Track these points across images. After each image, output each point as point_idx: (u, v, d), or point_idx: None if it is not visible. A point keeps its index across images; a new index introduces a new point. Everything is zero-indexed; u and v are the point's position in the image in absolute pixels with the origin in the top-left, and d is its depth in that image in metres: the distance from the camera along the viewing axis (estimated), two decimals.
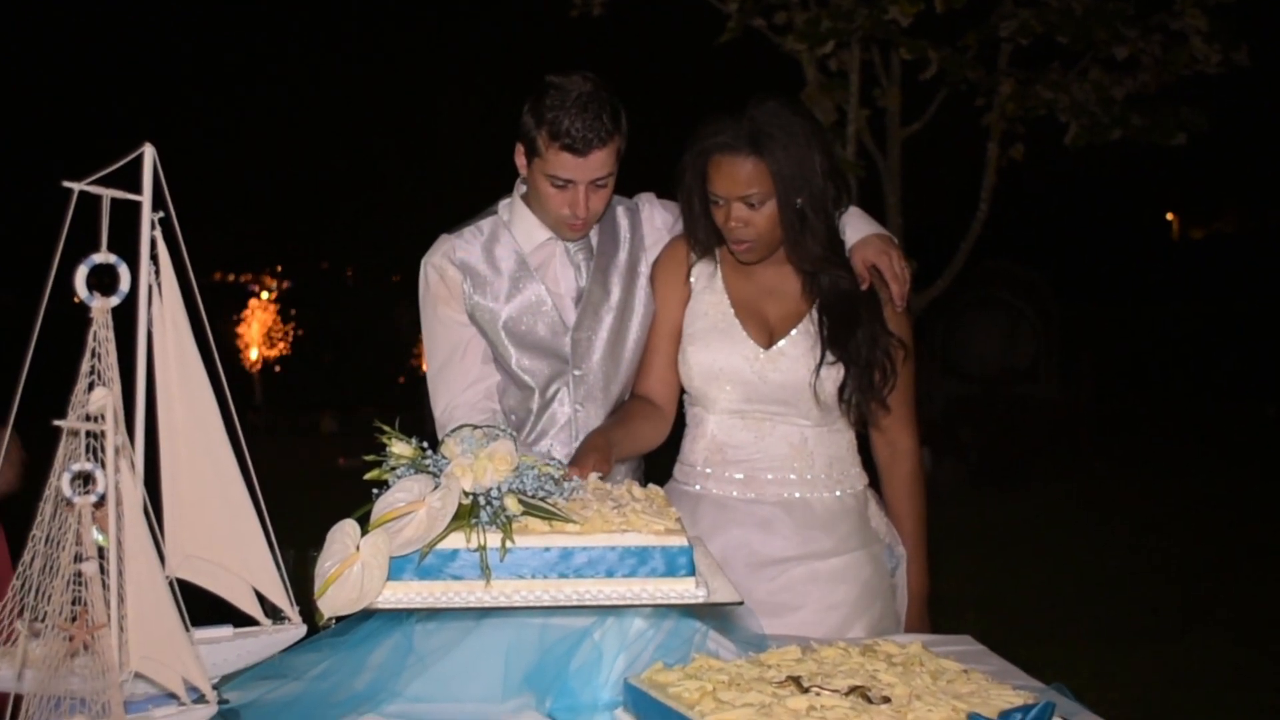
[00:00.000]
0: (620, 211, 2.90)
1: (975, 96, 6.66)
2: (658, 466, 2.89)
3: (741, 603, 2.02)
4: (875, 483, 2.82)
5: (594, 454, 2.43)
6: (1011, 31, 6.19)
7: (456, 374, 2.82)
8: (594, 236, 2.85)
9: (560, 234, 2.78)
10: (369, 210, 20.86)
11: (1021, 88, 6.42)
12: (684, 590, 1.96)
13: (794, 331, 2.66)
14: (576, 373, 2.81)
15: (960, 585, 7.11)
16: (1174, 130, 6.35)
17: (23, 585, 1.63)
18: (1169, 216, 38.15)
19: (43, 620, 1.63)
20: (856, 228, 2.70)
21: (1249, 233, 34.67)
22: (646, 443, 2.78)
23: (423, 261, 2.86)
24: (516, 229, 2.82)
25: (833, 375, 2.61)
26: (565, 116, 2.57)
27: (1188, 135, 6.36)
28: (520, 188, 2.83)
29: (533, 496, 2.02)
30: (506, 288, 2.80)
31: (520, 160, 2.73)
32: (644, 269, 2.87)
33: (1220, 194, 34.89)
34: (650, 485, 2.29)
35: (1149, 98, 6.39)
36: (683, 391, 2.80)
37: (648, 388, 2.81)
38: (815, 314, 2.66)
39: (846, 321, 2.62)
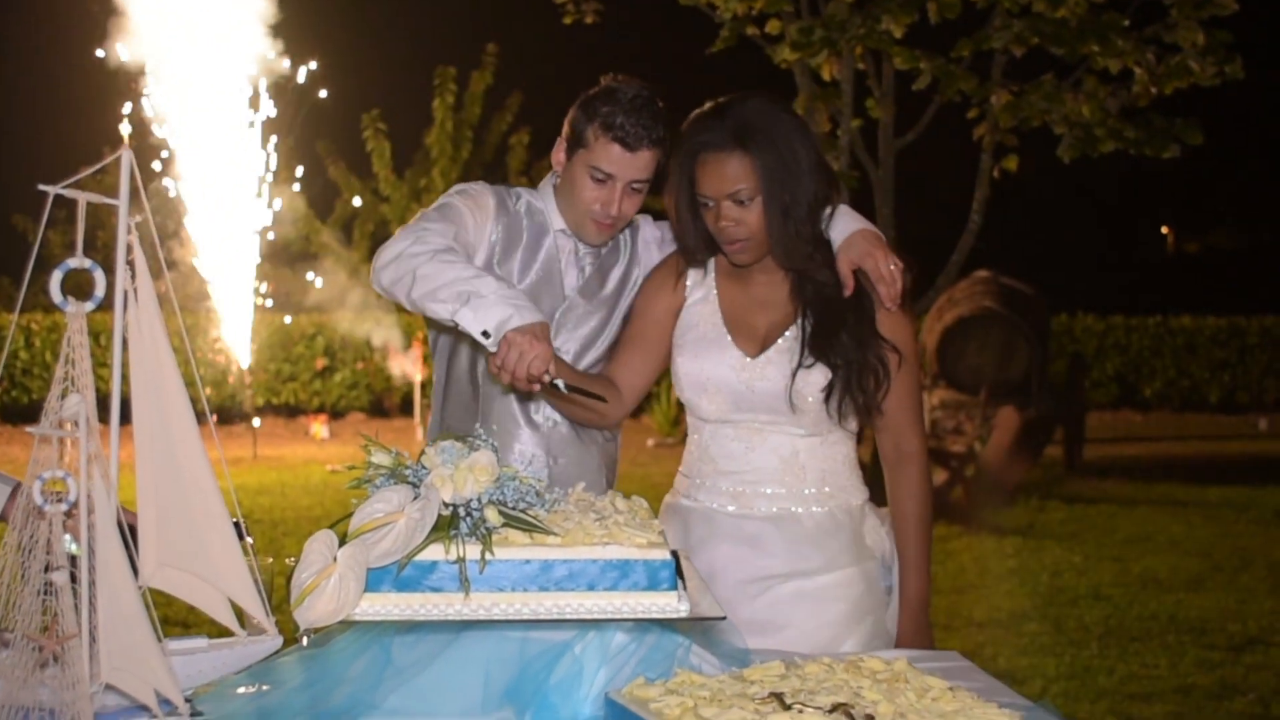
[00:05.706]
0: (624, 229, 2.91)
1: (968, 108, 6.64)
2: (663, 486, 2.86)
3: (724, 617, 2.00)
4: (875, 498, 2.75)
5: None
6: (1005, 42, 6.18)
7: (438, 228, 2.62)
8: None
9: (583, 233, 2.77)
10: (364, 215, 20.87)
11: (1015, 99, 6.40)
12: (666, 604, 1.94)
13: (781, 339, 2.62)
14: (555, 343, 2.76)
15: (951, 598, 7.11)
16: (1167, 143, 6.33)
17: None
18: (1164, 230, 38.27)
19: (12, 630, 1.61)
20: (842, 227, 2.62)
21: (1243, 246, 34.77)
22: (594, 389, 2.57)
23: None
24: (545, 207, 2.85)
25: (814, 380, 2.56)
26: (620, 112, 2.63)
27: (1181, 148, 6.35)
28: (552, 178, 2.84)
29: (513, 508, 2.00)
30: (524, 249, 2.80)
31: (559, 156, 2.75)
32: (636, 277, 2.87)
33: (1216, 207, 35.01)
34: (634, 497, 2.27)
35: (1142, 110, 6.38)
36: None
37: (610, 370, 2.78)
38: (800, 319, 2.63)
39: (829, 325, 2.57)
